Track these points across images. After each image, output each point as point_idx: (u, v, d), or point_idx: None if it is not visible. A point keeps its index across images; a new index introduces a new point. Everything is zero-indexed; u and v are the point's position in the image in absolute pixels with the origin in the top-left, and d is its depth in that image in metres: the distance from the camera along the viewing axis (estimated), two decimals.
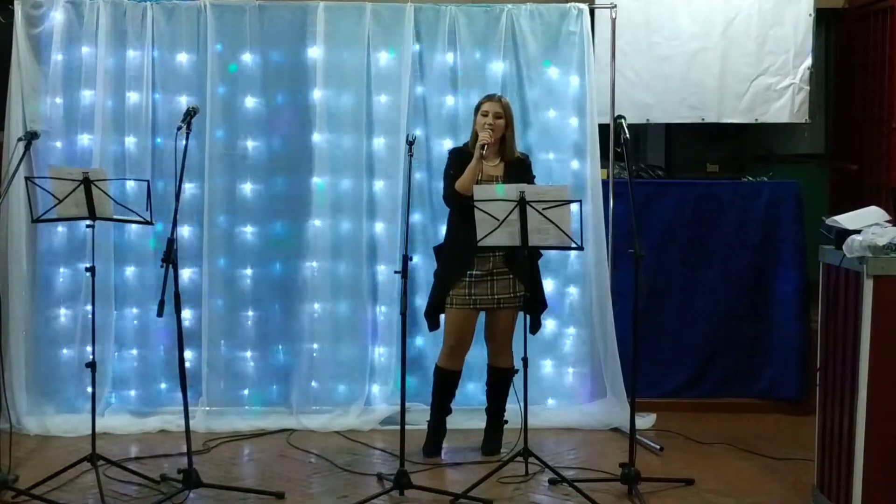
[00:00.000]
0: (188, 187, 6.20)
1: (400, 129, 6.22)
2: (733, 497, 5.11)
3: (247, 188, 6.36)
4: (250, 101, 6.33)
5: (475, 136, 5.57)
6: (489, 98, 5.66)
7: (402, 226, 6.01)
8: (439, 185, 5.81)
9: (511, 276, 5.52)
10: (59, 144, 6.24)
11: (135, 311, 6.35)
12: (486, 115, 5.56)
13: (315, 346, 6.36)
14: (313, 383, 6.36)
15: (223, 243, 6.35)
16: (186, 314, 6.06)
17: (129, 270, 6.34)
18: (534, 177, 5.71)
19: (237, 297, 6.38)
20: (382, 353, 6.38)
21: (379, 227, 6.39)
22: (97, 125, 6.20)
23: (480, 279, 5.52)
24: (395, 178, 6.29)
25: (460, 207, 5.46)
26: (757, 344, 6.72)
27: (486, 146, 5.45)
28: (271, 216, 6.41)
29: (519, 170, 5.61)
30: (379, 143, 6.37)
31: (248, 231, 6.39)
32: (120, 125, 6.26)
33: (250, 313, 6.41)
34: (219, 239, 6.33)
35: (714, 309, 6.72)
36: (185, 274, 6.22)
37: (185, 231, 6.30)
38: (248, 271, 6.40)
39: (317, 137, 6.33)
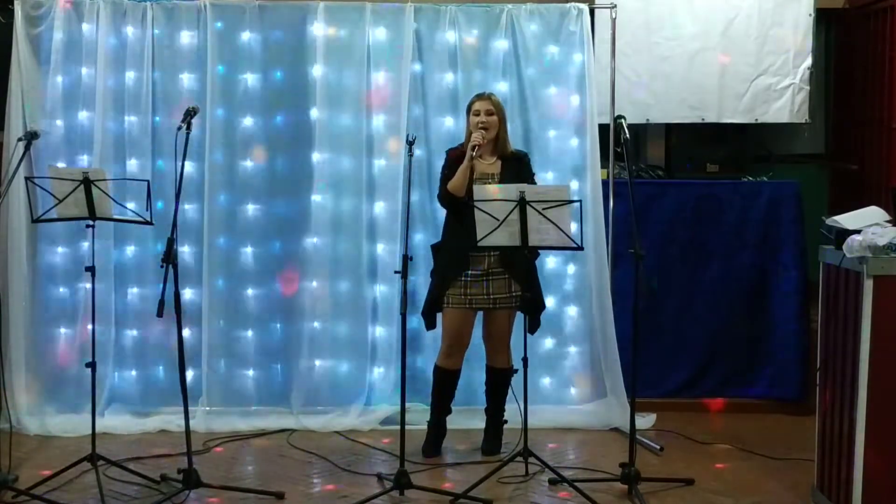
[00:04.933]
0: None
1: (400, 131, 6.21)
2: (733, 497, 5.11)
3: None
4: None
5: (470, 136, 5.57)
6: (479, 97, 5.66)
7: (402, 221, 6.01)
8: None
9: (507, 276, 5.52)
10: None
11: (134, 315, 6.35)
12: (477, 114, 5.56)
13: (317, 346, 6.38)
14: (313, 383, 6.36)
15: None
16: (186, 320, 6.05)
17: (130, 269, 6.35)
18: (533, 174, 5.71)
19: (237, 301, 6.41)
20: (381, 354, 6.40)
21: (378, 225, 6.40)
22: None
23: (476, 279, 5.52)
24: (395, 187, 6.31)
25: (454, 208, 5.46)
26: (757, 344, 6.72)
27: (476, 147, 5.45)
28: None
29: (516, 167, 5.61)
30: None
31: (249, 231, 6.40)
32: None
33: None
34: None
35: (714, 309, 6.71)
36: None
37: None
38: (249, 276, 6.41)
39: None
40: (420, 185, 6.33)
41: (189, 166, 5.77)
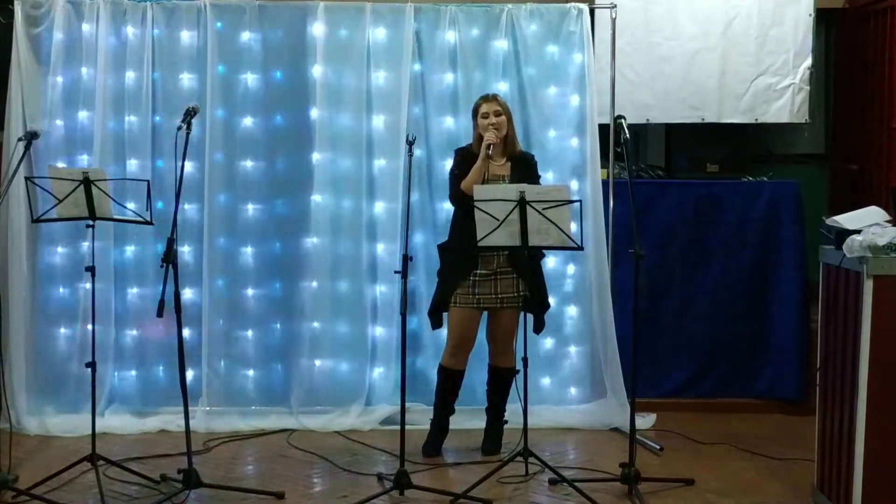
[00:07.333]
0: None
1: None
2: (733, 497, 5.11)
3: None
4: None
5: (478, 138, 5.57)
6: (485, 99, 5.66)
7: (403, 226, 6.01)
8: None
9: (515, 276, 5.52)
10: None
11: (134, 315, 6.35)
12: (486, 116, 5.56)
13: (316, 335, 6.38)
14: (313, 383, 6.36)
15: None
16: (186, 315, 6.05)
17: (130, 267, 6.35)
18: (539, 176, 5.72)
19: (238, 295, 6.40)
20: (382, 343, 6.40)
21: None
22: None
23: (485, 278, 5.52)
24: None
25: (466, 207, 5.46)
26: (757, 344, 6.72)
27: (491, 146, 5.46)
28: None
29: (525, 167, 5.62)
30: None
31: (249, 236, 6.40)
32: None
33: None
34: (218, 246, 6.34)
35: (714, 309, 6.72)
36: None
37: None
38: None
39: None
40: (420, 184, 6.34)
41: (189, 166, 5.74)
